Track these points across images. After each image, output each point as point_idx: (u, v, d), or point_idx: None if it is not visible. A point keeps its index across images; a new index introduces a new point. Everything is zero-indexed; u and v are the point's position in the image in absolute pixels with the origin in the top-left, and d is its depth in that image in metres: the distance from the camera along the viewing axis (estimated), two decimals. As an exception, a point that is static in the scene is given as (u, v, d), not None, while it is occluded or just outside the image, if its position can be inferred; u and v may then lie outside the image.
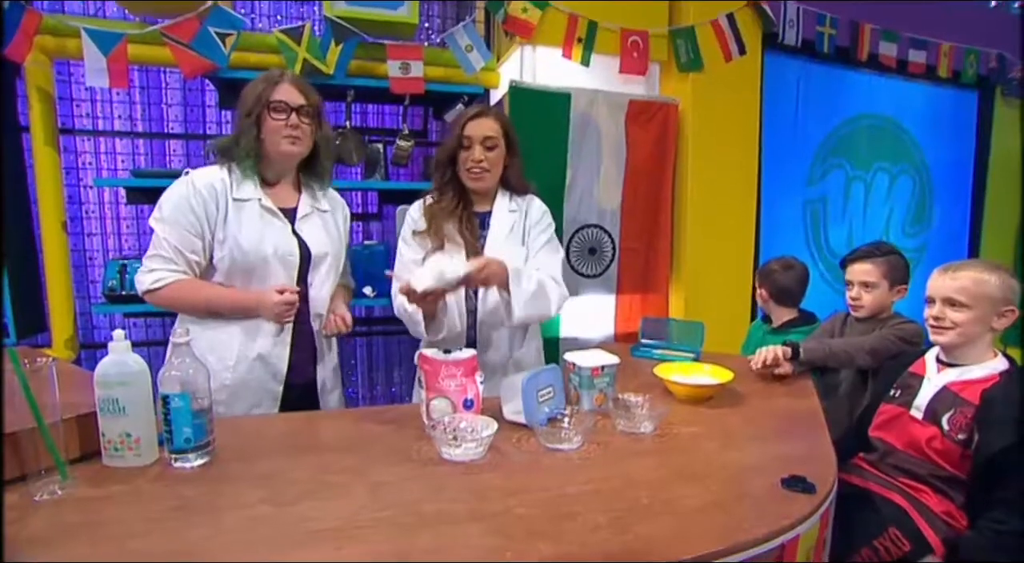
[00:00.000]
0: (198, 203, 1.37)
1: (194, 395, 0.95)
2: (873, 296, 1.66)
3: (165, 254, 1.37)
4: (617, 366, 1.25)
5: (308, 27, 2.30)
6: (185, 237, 1.37)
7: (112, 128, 2.76)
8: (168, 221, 1.37)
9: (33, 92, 2.23)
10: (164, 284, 1.36)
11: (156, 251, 1.38)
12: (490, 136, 1.56)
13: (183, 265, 1.38)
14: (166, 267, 1.37)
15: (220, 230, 1.38)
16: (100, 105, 2.75)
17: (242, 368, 1.40)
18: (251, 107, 1.39)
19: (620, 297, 2.73)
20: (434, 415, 1.09)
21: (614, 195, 2.63)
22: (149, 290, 1.37)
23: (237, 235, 1.38)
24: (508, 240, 1.60)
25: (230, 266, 1.39)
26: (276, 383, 1.43)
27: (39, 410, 0.86)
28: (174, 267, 1.37)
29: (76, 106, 2.71)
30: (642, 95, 2.70)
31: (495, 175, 1.60)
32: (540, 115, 2.39)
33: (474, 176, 1.57)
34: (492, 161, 1.57)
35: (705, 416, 1.24)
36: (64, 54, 2.21)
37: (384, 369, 3.25)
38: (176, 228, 1.36)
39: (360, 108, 2.95)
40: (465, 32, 2.41)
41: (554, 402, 1.17)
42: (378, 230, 3.12)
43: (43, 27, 2.11)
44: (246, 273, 1.40)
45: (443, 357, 1.11)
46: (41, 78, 2.24)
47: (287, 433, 1.14)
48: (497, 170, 1.60)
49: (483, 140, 1.56)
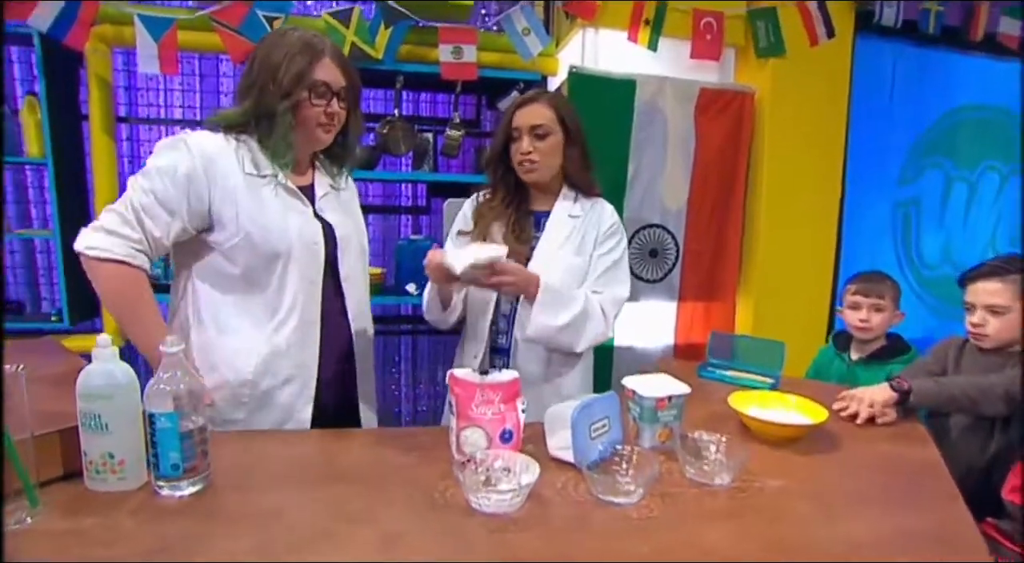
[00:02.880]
0: (200, 164, 1.10)
1: (184, 414, 0.81)
2: (1002, 323, 1.35)
3: (124, 214, 1.08)
4: (686, 397, 1.05)
5: (357, 10, 2.20)
6: (168, 193, 1.08)
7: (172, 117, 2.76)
8: (149, 174, 1.09)
9: (92, 80, 2.24)
10: (101, 256, 1.06)
11: (114, 207, 1.09)
12: (539, 124, 1.38)
13: (137, 234, 1.09)
14: (116, 231, 1.08)
15: (229, 205, 1.12)
16: (162, 94, 2.76)
17: (264, 381, 1.18)
18: (289, 87, 1.13)
19: (682, 305, 2.52)
20: (465, 448, 0.92)
21: (680, 192, 2.42)
22: (83, 254, 1.08)
23: (255, 214, 1.14)
24: (563, 249, 1.41)
25: (251, 253, 1.13)
26: (305, 399, 1.22)
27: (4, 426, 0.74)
28: (126, 233, 1.08)
29: (138, 95, 2.72)
30: (715, 83, 2.47)
31: (549, 167, 1.41)
32: (601, 104, 2.20)
33: (525, 170, 1.41)
34: (543, 152, 1.39)
35: (793, 465, 1.01)
36: (122, 42, 2.20)
37: (428, 367, 3.17)
38: (158, 180, 1.08)
39: (410, 96, 2.83)
40: (523, 14, 2.25)
41: (609, 436, 0.98)
42: (427, 224, 3.00)
43: (102, 15, 2.11)
44: (269, 262, 1.15)
45: (478, 379, 0.93)
46: (100, 66, 2.24)
47: (297, 457, 0.99)
48: (551, 161, 1.41)
49: (531, 129, 1.38)
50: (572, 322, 1.31)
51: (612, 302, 1.40)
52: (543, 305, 1.29)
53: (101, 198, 2.32)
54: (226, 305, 1.17)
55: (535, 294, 1.28)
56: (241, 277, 1.16)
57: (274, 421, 1.20)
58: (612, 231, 1.45)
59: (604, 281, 1.41)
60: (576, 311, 1.32)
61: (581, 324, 1.33)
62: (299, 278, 1.19)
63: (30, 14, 1.94)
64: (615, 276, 1.43)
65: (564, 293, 1.33)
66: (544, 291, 1.29)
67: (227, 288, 1.17)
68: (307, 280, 1.20)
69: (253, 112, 1.17)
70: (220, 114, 1.20)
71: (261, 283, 1.17)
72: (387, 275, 2.53)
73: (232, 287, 1.17)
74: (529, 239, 1.43)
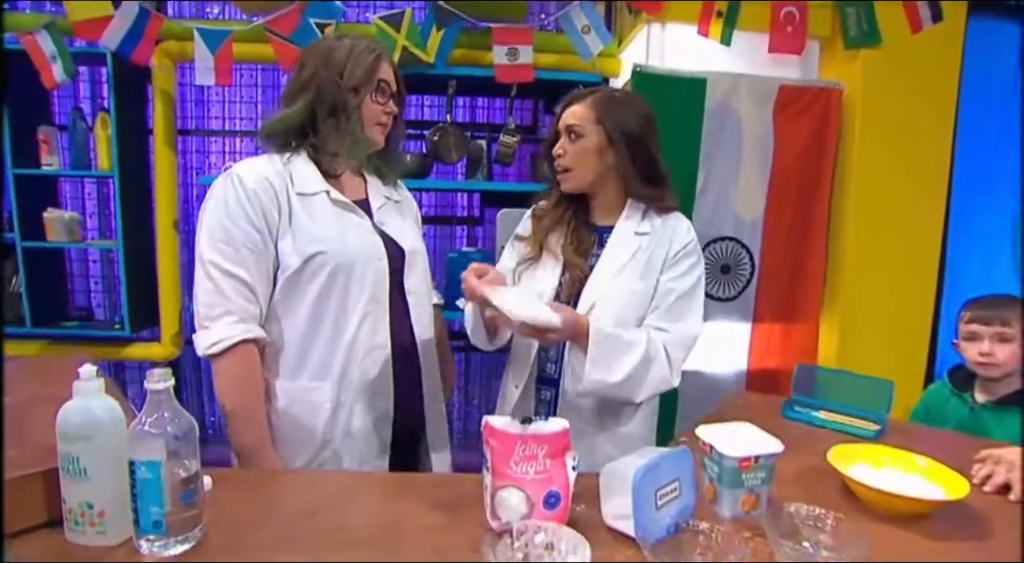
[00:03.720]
0: (255, 209, 1.06)
1: (169, 462, 0.69)
2: None
3: (228, 294, 1.05)
4: (778, 456, 0.84)
5: (409, 13, 2.12)
6: (249, 262, 1.06)
7: (232, 128, 2.79)
8: (220, 241, 1.06)
9: (157, 95, 2.31)
10: (222, 348, 1.05)
11: (207, 295, 1.06)
12: (573, 124, 1.21)
13: (254, 306, 1.08)
14: (228, 317, 1.05)
15: (286, 233, 1.08)
16: (223, 106, 2.79)
17: (343, 418, 1.13)
18: (359, 82, 1.11)
19: (756, 326, 2.27)
20: (501, 513, 0.75)
21: (756, 202, 2.20)
22: (209, 355, 1.06)
23: (316, 232, 1.09)
24: (624, 272, 1.21)
25: (328, 272, 1.08)
26: (381, 435, 1.16)
27: None
28: (240, 313, 1.06)
29: (200, 108, 2.78)
30: (796, 80, 2.23)
31: (584, 173, 1.23)
32: (668, 105, 2.00)
33: (559, 176, 1.25)
34: (574, 156, 1.22)
35: (923, 551, 0.78)
36: (186, 57, 2.24)
37: (480, 383, 3.06)
38: (234, 251, 1.05)
39: (463, 101, 2.74)
40: (583, 11, 2.11)
41: (680, 503, 0.79)
42: (481, 235, 2.88)
43: (167, 32, 2.17)
44: (346, 278, 1.10)
45: (519, 429, 0.77)
46: (164, 81, 2.31)
47: (307, 509, 0.85)
48: (585, 167, 1.22)
49: (567, 129, 1.22)
50: (632, 374, 1.12)
51: (680, 343, 1.19)
52: (595, 361, 1.11)
53: (163, 208, 2.37)
54: (295, 339, 1.12)
55: (586, 345, 1.11)
56: (307, 305, 1.11)
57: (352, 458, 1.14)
58: (686, 252, 1.23)
59: (672, 314, 1.20)
60: (635, 361, 1.12)
61: (641, 374, 1.14)
62: (366, 298, 1.12)
63: (102, 35, 2.03)
64: (686, 309, 1.21)
65: (620, 338, 1.13)
66: (595, 343, 1.10)
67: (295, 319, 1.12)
68: (373, 300, 1.13)
69: (314, 111, 1.13)
70: (276, 117, 1.16)
71: (327, 310, 1.11)
72: (437, 289, 2.42)
73: (299, 316, 1.12)
74: (589, 253, 1.26)
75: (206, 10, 2.71)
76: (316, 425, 1.11)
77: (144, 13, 2.07)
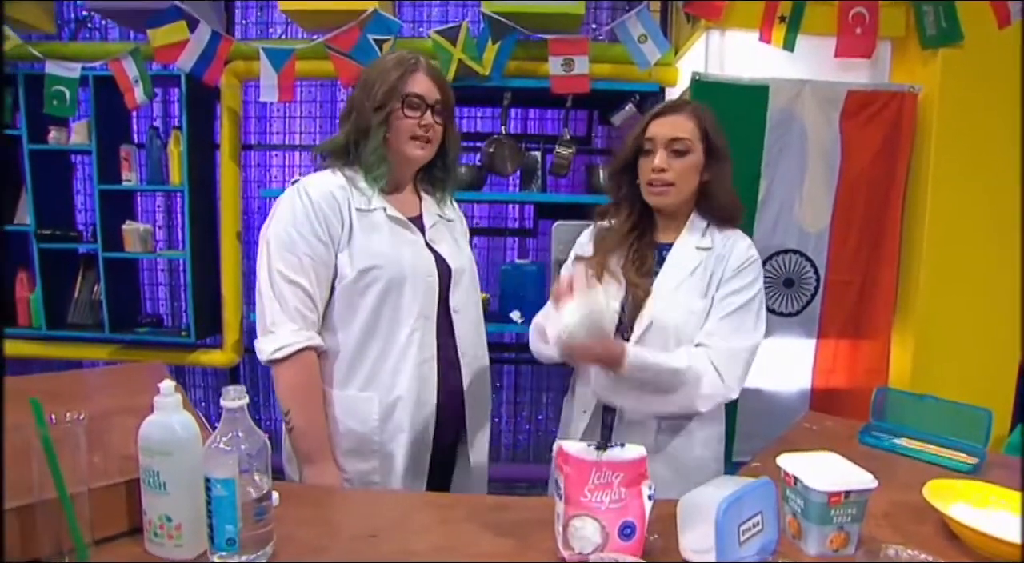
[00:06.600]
0: (320, 221, 1.10)
1: (242, 480, 0.69)
2: None
3: (291, 302, 1.08)
4: (871, 492, 0.78)
5: (465, 26, 2.14)
6: (311, 271, 1.10)
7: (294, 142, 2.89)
8: (286, 250, 1.09)
9: (224, 112, 2.43)
10: (284, 355, 1.08)
11: (271, 302, 1.09)
12: (680, 137, 1.17)
13: (314, 315, 1.11)
14: (292, 324, 1.09)
15: (345, 247, 1.12)
16: (287, 121, 2.91)
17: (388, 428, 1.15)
18: (383, 99, 1.13)
19: (822, 343, 2.17)
20: (574, 544, 0.73)
21: (822, 213, 2.10)
22: (272, 360, 1.09)
23: (372, 247, 1.12)
24: (683, 287, 1.19)
25: (382, 286, 1.11)
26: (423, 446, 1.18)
27: (62, 477, 0.66)
28: (301, 321, 1.10)
29: (264, 124, 2.90)
30: (865, 84, 2.12)
31: (684, 190, 1.20)
32: (729, 114, 1.89)
33: (655, 191, 1.20)
34: (680, 172, 1.18)
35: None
36: (252, 76, 2.35)
37: (531, 397, 3.04)
38: (297, 260, 1.09)
39: (517, 113, 2.74)
40: (639, 19, 2.08)
41: (763, 537, 0.74)
42: (534, 247, 2.87)
43: (235, 52, 2.29)
44: (398, 293, 1.13)
45: (593, 456, 0.74)
46: (231, 99, 2.43)
47: (367, 527, 0.81)
48: (687, 184, 1.20)
49: (669, 143, 1.17)
50: (674, 399, 1.12)
51: (730, 355, 1.15)
52: (629, 390, 1.12)
53: (227, 220, 2.47)
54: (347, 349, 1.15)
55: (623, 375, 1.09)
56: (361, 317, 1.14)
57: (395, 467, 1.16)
58: (744, 266, 1.20)
59: (724, 330, 1.16)
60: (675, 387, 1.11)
61: (689, 395, 1.12)
62: (415, 313, 1.14)
63: (179, 57, 2.16)
64: (740, 323, 1.17)
65: (657, 365, 1.10)
66: (630, 370, 1.08)
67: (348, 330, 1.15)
68: (422, 315, 1.15)
69: (353, 133, 1.17)
70: (327, 140, 1.22)
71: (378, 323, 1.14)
72: (491, 301, 2.42)
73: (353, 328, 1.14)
74: (650, 273, 1.22)
75: (269, 31, 2.81)
76: (363, 433, 1.14)
77: (216, 36, 2.18)
